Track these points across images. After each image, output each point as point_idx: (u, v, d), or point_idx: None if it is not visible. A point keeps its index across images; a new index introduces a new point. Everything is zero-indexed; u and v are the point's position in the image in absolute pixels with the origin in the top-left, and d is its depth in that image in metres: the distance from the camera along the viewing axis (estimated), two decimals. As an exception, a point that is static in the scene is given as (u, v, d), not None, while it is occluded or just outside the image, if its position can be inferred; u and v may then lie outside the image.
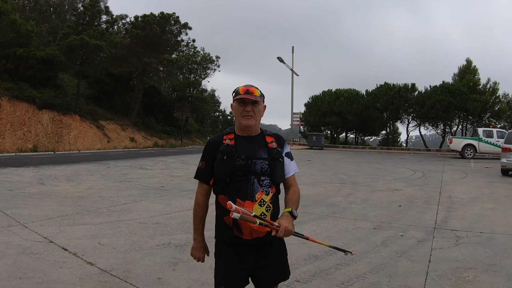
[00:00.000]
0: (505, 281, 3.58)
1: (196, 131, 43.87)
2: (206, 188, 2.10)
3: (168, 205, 6.98)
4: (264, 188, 1.97)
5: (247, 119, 2.02)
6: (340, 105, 37.29)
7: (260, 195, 1.95)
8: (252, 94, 2.02)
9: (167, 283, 3.44)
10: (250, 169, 1.97)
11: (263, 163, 1.99)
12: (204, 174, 2.07)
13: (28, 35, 25.14)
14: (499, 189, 9.81)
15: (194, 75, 42.12)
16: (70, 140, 25.28)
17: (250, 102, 2.02)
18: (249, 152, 2.00)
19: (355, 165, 16.85)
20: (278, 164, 2.03)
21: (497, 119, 34.58)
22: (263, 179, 1.98)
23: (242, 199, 1.93)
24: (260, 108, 2.08)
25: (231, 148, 1.99)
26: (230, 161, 1.96)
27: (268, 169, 2.00)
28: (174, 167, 14.17)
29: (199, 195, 2.11)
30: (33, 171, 11.67)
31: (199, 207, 2.11)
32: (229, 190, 1.97)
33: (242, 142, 2.04)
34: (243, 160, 1.97)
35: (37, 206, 6.55)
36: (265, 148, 2.04)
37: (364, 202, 7.70)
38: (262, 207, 1.94)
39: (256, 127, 2.08)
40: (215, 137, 2.11)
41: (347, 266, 3.91)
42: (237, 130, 2.09)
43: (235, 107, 2.08)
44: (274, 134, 2.16)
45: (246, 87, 2.04)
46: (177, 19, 32.28)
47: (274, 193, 2.02)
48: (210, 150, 2.06)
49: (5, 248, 4.23)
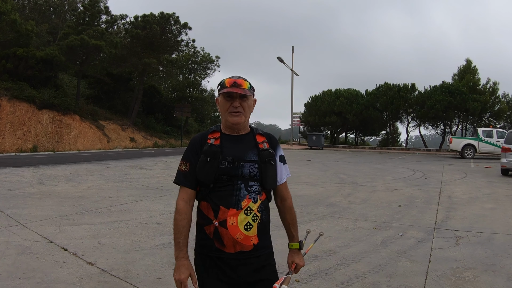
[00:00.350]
0: (505, 281, 3.59)
1: (196, 131, 43.79)
2: (190, 193, 1.81)
3: (168, 205, 6.98)
4: (251, 194, 1.74)
5: (235, 115, 1.77)
6: (340, 105, 37.29)
7: (246, 203, 1.71)
8: (240, 87, 1.76)
9: (167, 283, 3.44)
10: (237, 173, 1.73)
11: (252, 166, 1.76)
12: (189, 177, 1.80)
13: (28, 35, 25.12)
14: (499, 189, 9.82)
15: (194, 75, 42.11)
16: (70, 140, 25.27)
17: (238, 97, 1.76)
18: (237, 153, 1.76)
19: (355, 165, 16.85)
20: (270, 168, 1.79)
21: (497, 119, 34.56)
22: (251, 184, 1.75)
23: (226, 207, 1.70)
24: (250, 103, 1.83)
25: (216, 148, 1.74)
26: (214, 163, 1.72)
27: (258, 173, 1.76)
28: (174, 167, 14.14)
29: (181, 201, 1.80)
30: (33, 171, 11.67)
31: (180, 215, 1.77)
32: (212, 196, 1.74)
33: (229, 142, 1.80)
34: (229, 163, 1.73)
35: (37, 206, 6.55)
36: (255, 149, 1.80)
37: (364, 202, 7.70)
38: (248, 216, 1.71)
39: (245, 124, 1.85)
40: (199, 135, 1.87)
41: (347, 266, 3.91)
42: (223, 128, 1.85)
43: (221, 102, 1.81)
44: (265, 133, 1.92)
45: (233, 79, 1.78)
46: (177, 19, 32.26)
47: (263, 200, 1.78)
48: (194, 150, 1.81)
49: (5, 248, 4.23)
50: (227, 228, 1.69)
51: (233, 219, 1.69)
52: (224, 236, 1.69)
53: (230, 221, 1.69)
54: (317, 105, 39.41)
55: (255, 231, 1.73)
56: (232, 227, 1.69)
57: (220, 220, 1.70)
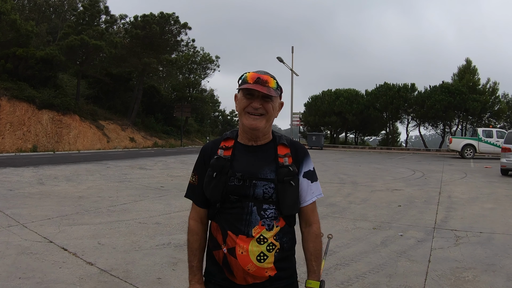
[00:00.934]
0: (505, 281, 3.59)
1: (196, 131, 43.83)
2: (200, 211, 1.56)
3: (167, 205, 6.98)
4: (265, 220, 1.43)
5: (254, 119, 1.45)
6: (340, 105, 37.33)
7: (258, 230, 1.42)
8: (265, 85, 1.44)
9: (166, 283, 3.44)
10: (248, 193, 1.44)
11: (267, 186, 1.44)
12: (197, 193, 1.55)
13: (28, 35, 25.12)
14: (498, 189, 9.82)
15: (194, 75, 42.12)
16: (69, 140, 25.26)
17: (260, 96, 1.45)
18: (249, 168, 1.46)
19: (355, 165, 16.85)
20: (289, 189, 1.45)
21: (496, 119, 34.59)
22: (265, 207, 1.44)
23: (234, 233, 1.42)
24: (275, 105, 1.50)
25: (223, 162, 1.47)
26: (222, 179, 1.45)
27: (274, 195, 1.44)
28: (174, 167, 14.16)
29: (192, 221, 1.57)
30: (33, 171, 11.66)
31: (192, 236, 1.55)
32: (220, 218, 1.48)
33: (243, 153, 1.50)
34: (238, 180, 1.44)
35: (36, 206, 6.55)
36: (273, 164, 1.47)
37: (364, 202, 7.70)
38: (261, 246, 1.41)
39: (266, 131, 1.51)
40: (210, 143, 1.58)
41: (347, 266, 3.91)
42: (240, 135, 1.55)
43: (239, 100, 1.50)
44: (292, 143, 1.56)
45: (257, 74, 1.46)
46: (177, 19, 32.26)
47: (282, 227, 1.46)
48: (202, 161, 1.55)
49: (4, 248, 4.23)
50: (236, 257, 1.42)
51: (243, 248, 1.41)
52: (233, 266, 1.43)
53: (239, 250, 1.41)
54: (317, 105, 39.45)
55: (271, 261, 1.43)
56: (242, 257, 1.41)
57: (229, 247, 1.44)
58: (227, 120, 56.95)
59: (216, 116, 56.58)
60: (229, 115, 57.44)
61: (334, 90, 40.04)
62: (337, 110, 37.56)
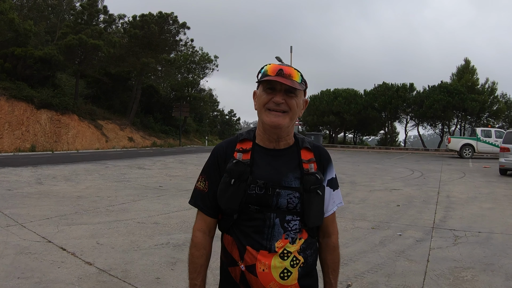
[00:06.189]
0: (503, 280, 3.59)
1: (195, 131, 43.79)
2: (209, 222, 1.38)
3: (166, 204, 6.97)
4: (289, 233, 1.29)
5: (276, 115, 1.29)
6: (338, 105, 37.34)
7: (282, 244, 1.28)
8: (289, 78, 1.28)
9: (165, 282, 3.44)
10: (271, 203, 1.29)
11: (292, 195, 1.30)
12: (207, 201, 1.37)
13: (26, 35, 25.06)
14: (497, 188, 9.84)
15: (193, 75, 42.08)
16: (68, 139, 25.22)
17: (283, 90, 1.29)
18: (272, 175, 1.30)
19: (354, 164, 16.87)
20: (315, 199, 1.32)
21: (495, 119, 34.63)
22: (289, 219, 1.30)
23: (255, 248, 1.28)
24: (299, 101, 1.33)
25: (244, 167, 1.30)
26: (241, 187, 1.29)
27: (299, 205, 1.30)
28: (173, 167, 14.15)
29: (199, 233, 1.38)
30: (31, 171, 11.64)
31: (197, 250, 1.37)
32: (237, 231, 1.32)
33: (263, 157, 1.34)
34: (260, 189, 1.29)
35: (35, 206, 6.53)
36: (297, 171, 1.33)
37: (363, 201, 7.71)
38: (285, 261, 1.27)
39: (289, 130, 1.35)
40: (225, 143, 1.40)
41: (345, 266, 3.91)
42: (258, 136, 1.38)
43: (258, 96, 1.34)
44: (315, 146, 1.41)
45: (280, 65, 1.31)
46: (176, 18, 32.23)
47: (305, 239, 1.33)
48: (216, 164, 1.37)
49: (3, 248, 4.22)
50: (257, 275, 1.28)
51: (264, 265, 1.27)
52: (253, 284, 1.28)
53: (260, 267, 1.27)
54: (316, 104, 39.44)
55: (295, 278, 1.30)
56: (263, 275, 1.27)
57: (248, 264, 1.29)
58: (225, 120, 56.91)
59: (215, 116, 56.54)
60: (228, 115, 57.40)
61: (333, 90, 40.05)
62: (335, 110, 37.57)
